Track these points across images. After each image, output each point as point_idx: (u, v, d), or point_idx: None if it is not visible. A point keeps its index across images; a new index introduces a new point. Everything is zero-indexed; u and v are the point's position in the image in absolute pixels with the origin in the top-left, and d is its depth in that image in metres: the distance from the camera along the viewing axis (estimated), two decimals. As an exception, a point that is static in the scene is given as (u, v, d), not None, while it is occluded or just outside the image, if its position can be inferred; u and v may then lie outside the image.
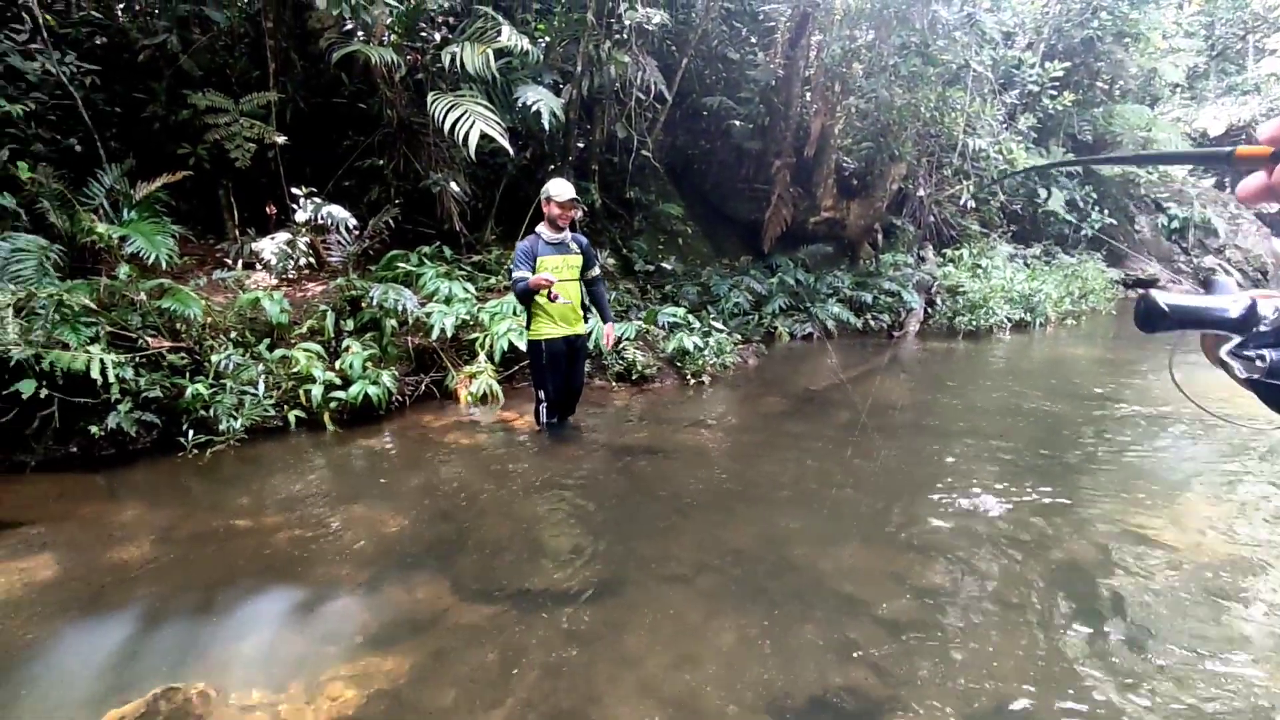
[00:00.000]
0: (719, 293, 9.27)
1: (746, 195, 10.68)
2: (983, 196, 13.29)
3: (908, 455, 4.93)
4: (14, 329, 4.17)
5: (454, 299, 6.12)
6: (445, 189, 6.84)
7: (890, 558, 3.39)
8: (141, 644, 2.64)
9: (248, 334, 5.21)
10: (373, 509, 3.86)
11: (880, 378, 7.73)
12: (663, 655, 2.63)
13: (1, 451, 4.18)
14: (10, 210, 5.00)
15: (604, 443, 5.10)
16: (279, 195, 6.49)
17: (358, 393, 5.08)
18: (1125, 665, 2.57)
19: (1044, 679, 2.49)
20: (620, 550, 3.46)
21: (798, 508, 4.01)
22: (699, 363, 6.99)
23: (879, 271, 10.98)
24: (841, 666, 2.55)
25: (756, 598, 3.04)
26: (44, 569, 3.13)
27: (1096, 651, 2.66)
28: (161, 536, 3.46)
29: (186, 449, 4.42)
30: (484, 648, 2.68)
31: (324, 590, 3.03)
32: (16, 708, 2.30)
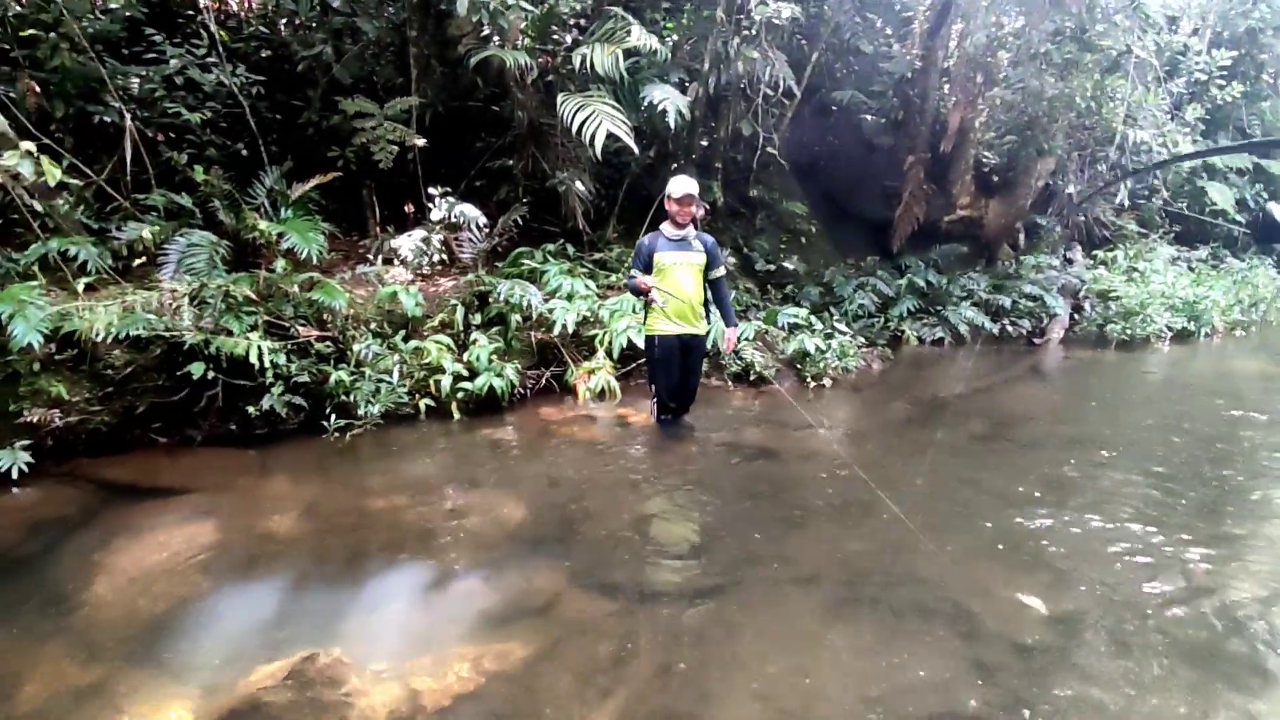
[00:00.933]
0: (843, 294, 8.94)
1: (876, 193, 10.25)
2: (1141, 193, 12.10)
3: (1046, 471, 4.53)
4: (188, 316, 4.60)
5: (575, 296, 6.23)
6: (570, 188, 6.97)
7: (1021, 579, 3.11)
8: (288, 609, 2.83)
9: (385, 325, 5.51)
10: (494, 496, 3.97)
11: (1018, 387, 7.20)
12: (777, 661, 2.53)
13: (175, 426, 4.63)
14: (187, 209, 5.53)
15: (720, 442, 5.02)
16: (416, 195, 6.83)
17: (483, 384, 5.26)
18: None
19: None
20: (734, 551, 3.38)
21: (922, 519, 3.76)
22: (820, 365, 6.76)
23: (1019, 274, 10.24)
24: (965, 688, 2.37)
25: (875, 609, 2.88)
26: (207, 534, 3.42)
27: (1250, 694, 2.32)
28: (306, 511, 3.70)
29: (329, 431, 4.73)
30: (598, 639, 2.68)
31: (449, 571, 3.14)
32: (180, 659, 2.51)
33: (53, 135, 5.26)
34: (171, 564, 3.15)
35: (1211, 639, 2.69)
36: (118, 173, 5.46)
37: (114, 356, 4.45)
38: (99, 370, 4.40)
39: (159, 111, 5.75)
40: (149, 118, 5.73)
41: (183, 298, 4.65)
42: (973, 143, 9.68)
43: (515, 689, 2.38)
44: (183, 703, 2.28)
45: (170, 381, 4.57)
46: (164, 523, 3.53)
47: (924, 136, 9.55)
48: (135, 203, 5.45)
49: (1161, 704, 2.31)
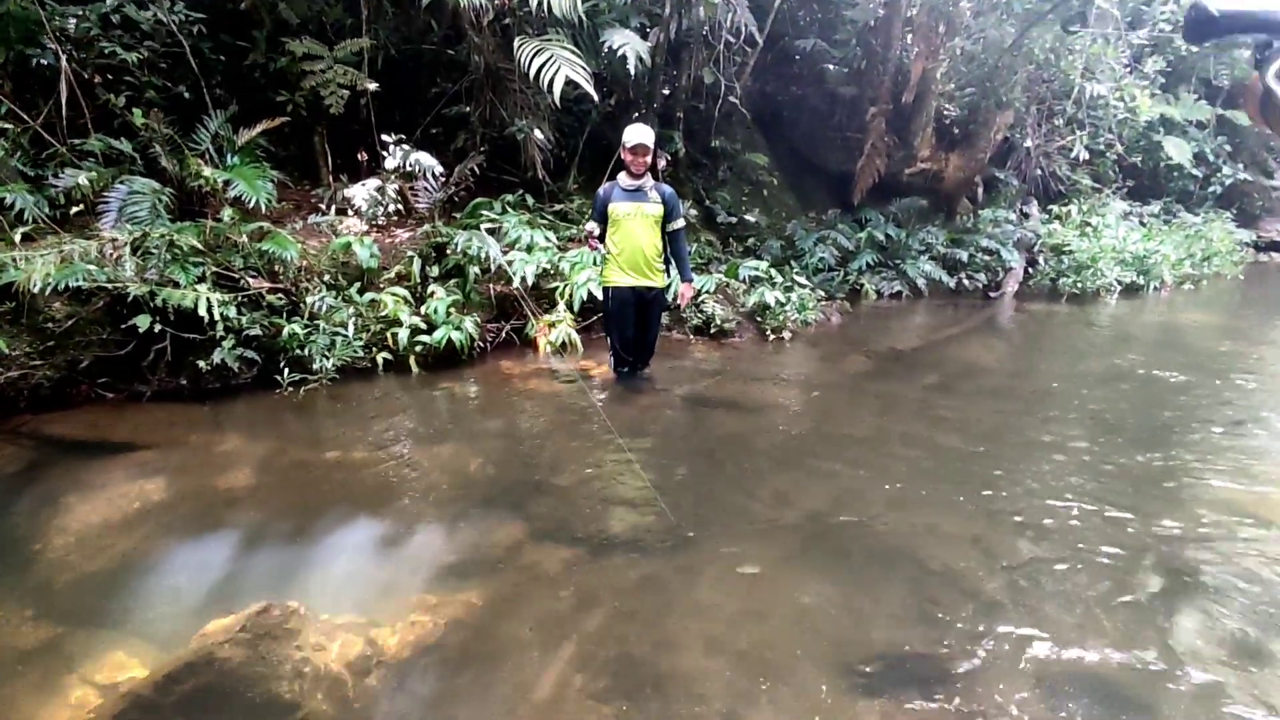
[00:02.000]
0: (803, 247, 8.99)
1: (837, 144, 10.24)
2: (1097, 148, 12.28)
3: (998, 420, 4.70)
4: (131, 266, 4.45)
5: (535, 247, 6.16)
6: (529, 136, 6.82)
7: (973, 525, 3.25)
8: (242, 563, 2.83)
9: (340, 277, 5.39)
10: (453, 449, 3.97)
11: (973, 340, 7.38)
12: (733, 608, 2.62)
13: (122, 381, 4.51)
14: (127, 155, 5.29)
15: (680, 395, 5.08)
16: (370, 142, 6.63)
17: (441, 337, 5.22)
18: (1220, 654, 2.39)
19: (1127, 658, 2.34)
20: (693, 502, 3.46)
21: (878, 470, 3.89)
22: (780, 318, 6.84)
23: (977, 228, 10.40)
24: (916, 632, 2.48)
25: (832, 557, 2.99)
26: (157, 490, 3.38)
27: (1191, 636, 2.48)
28: (261, 466, 3.67)
29: (283, 386, 4.66)
30: (556, 588, 2.73)
31: (407, 523, 3.15)
32: (131, 615, 2.51)
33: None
34: (122, 520, 3.11)
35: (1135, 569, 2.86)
36: (54, 118, 5.19)
37: (54, 309, 4.30)
38: (39, 323, 4.25)
39: (96, 52, 5.42)
40: (85, 59, 5.42)
41: (124, 247, 4.48)
42: (934, 94, 9.69)
43: (474, 638, 2.43)
44: (135, 658, 2.28)
45: (115, 335, 4.44)
46: (114, 479, 3.47)
47: (886, 87, 9.52)
48: (72, 148, 5.19)
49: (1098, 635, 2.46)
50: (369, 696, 2.16)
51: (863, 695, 2.18)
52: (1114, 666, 2.31)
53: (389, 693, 2.18)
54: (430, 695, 2.17)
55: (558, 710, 2.10)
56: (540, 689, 2.19)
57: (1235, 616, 2.59)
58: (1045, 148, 11.64)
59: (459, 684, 2.21)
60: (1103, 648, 2.40)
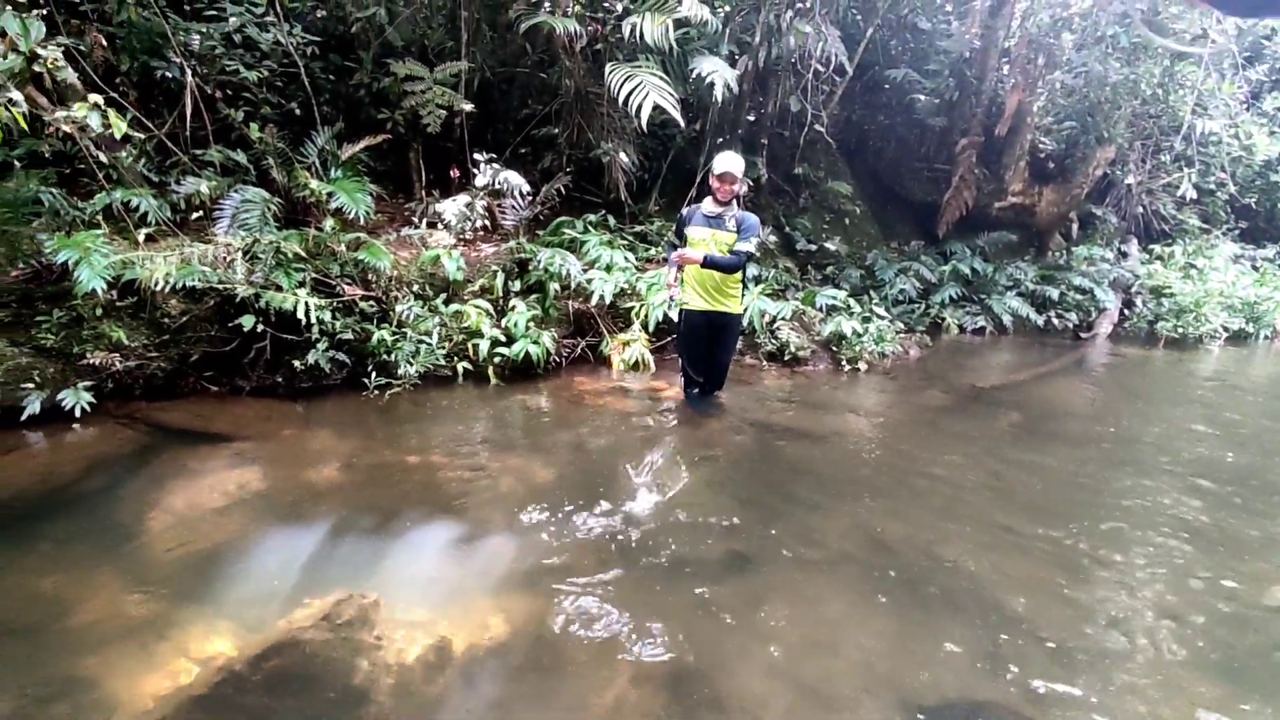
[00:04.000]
0: (884, 278, 8.83)
1: (924, 175, 10.05)
2: (1207, 187, 11.62)
3: (1082, 467, 4.48)
4: (241, 270, 4.77)
5: (614, 267, 6.27)
6: (614, 159, 6.98)
7: (1050, 573, 3.11)
8: (326, 554, 2.97)
9: (427, 288, 5.63)
10: (526, 459, 4.07)
11: (1059, 381, 7.08)
12: (796, 637, 2.59)
13: (225, 376, 4.83)
14: (242, 165, 5.70)
15: (751, 420, 5.05)
16: (462, 160, 6.91)
17: (520, 350, 5.37)
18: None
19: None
20: (760, 528, 3.43)
21: (951, 508, 3.77)
22: (856, 349, 6.73)
23: (1070, 265, 9.99)
24: (988, 680, 2.39)
25: (900, 594, 2.91)
26: (252, 480, 3.59)
27: None
28: (345, 463, 3.85)
29: (369, 388, 4.89)
30: (620, 604, 2.76)
31: (479, 528, 3.25)
32: (225, 596, 2.67)
33: (118, 89, 5.44)
34: (220, 506, 3.32)
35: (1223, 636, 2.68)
36: (177, 128, 5.64)
37: (171, 306, 4.65)
38: (157, 318, 4.60)
39: (218, 69, 5.89)
40: (208, 74, 5.88)
41: (236, 252, 4.81)
42: (1030, 127, 9.41)
43: (538, 646, 2.48)
44: (227, 636, 2.43)
45: (222, 332, 4.76)
46: (214, 466, 3.72)
47: (979, 119, 9.31)
48: (194, 158, 5.62)
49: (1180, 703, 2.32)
50: (436, 693, 2.23)
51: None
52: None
53: (455, 691, 2.25)
54: (493, 697, 2.23)
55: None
56: (600, 702, 2.21)
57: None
58: (1149, 185, 11.11)
59: (521, 689, 2.27)
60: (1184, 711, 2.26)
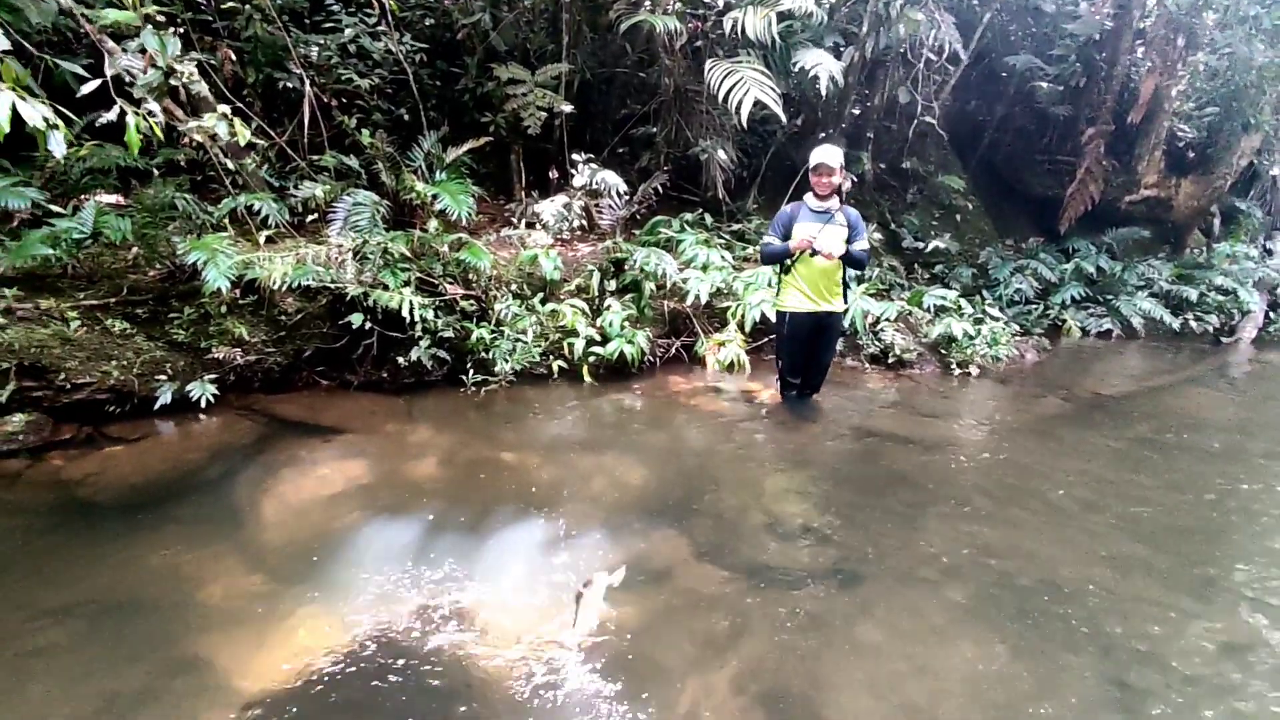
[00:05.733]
0: (998, 277, 8.31)
1: (1044, 168, 9.39)
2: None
3: (1219, 484, 4.03)
4: (351, 270, 4.96)
5: (711, 266, 6.16)
6: (712, 156, 6.87)
7: (1181, 601, 2.79)
8: (427, 548, 3.01)
9: (525, 287, 5.70)
10: (619, 459, 4.03)
11: (1196, 389, 6.44)
12: (897, 657, 2.43)
13: (335, 370, 5.04)
14: (354, 170, 5.94)
15: (851, 425, 4.83)
16: (561, 160, 6.98)
17: (615, 349, 5.35)
18: None
19: None
20: (859, 538, 3.26)
21: (1069, 526, 3.46)
22: (966, 352, 6.34)
23: (1210, 264, 9.09)
24: (1101, 712, 2.15)
25: (1011, 616, 2.69)
26: (359, 472, 3.72)
27: None
28: (445, 458, 3.93)
29: (467, 385, 4.99)
30: (713, 611, 2.67)
31: (573, 527, 3.23)
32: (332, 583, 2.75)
33: (244, 100, 5.79)
34: (329, 496, 3.45)
35: None
36: (296, 135, 5.94)
37: (287, 304, 4.88)
38: (274, 315, 4.84)
39: (334, 78, 6.17)
40: (325, 84, 6.17)
41: (347, 252, 5.01)
42: (1167, 114, 8.61)
43: (632, 647, 2.43)
44: (331, 624, 2.50)
45: (333, 329, 4.96)
46: (324, 458, 3.87)
47: (1108, 106, 8.60)
48: (311, 163, 5.91)
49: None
50: (532, 692, 2.21)
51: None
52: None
53: (549, 690, 2.22)
54: (585, 699, 2.19)
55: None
56: (691, 711, 2.13)
57: None
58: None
59: (614, 692, 2.21)
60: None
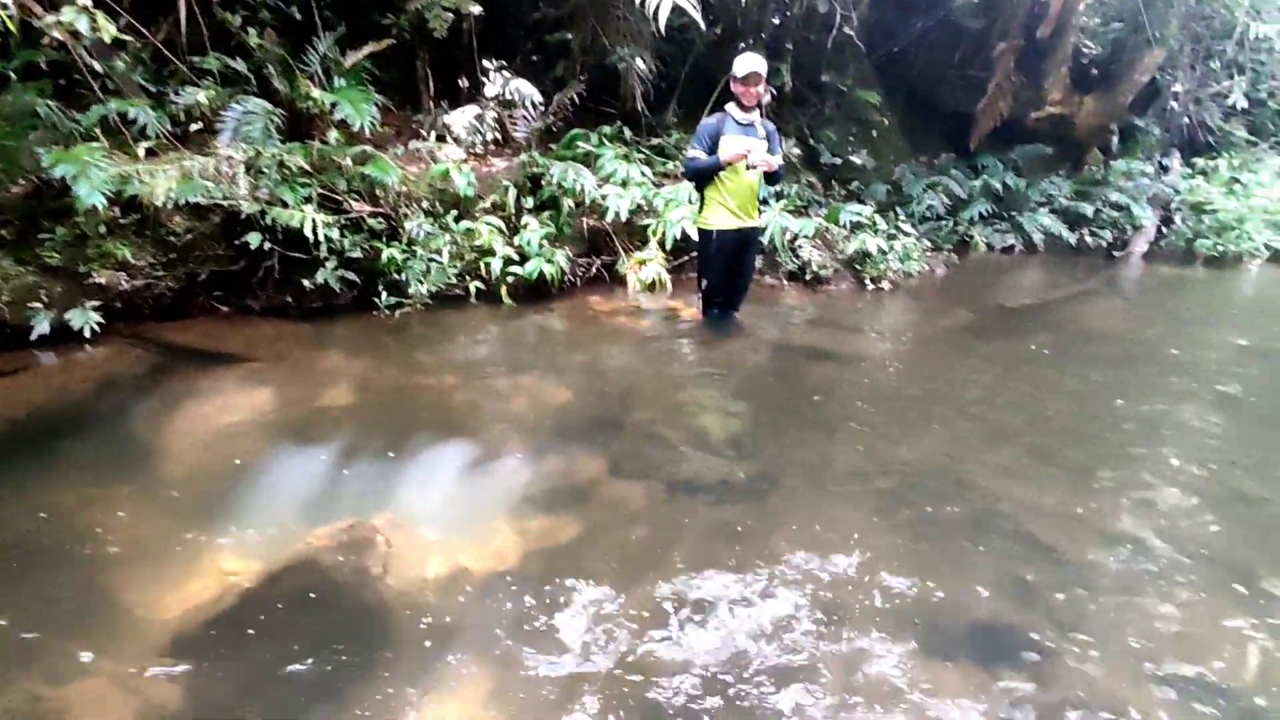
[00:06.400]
0: (911, 193, 8.49)
1: (958, 83, 9.49)
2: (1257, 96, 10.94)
3: (1112, 390, 4.35)
4: (245, 185, 4.61)
5: (630, 182, 6.03)
6: (630, 66, 6.61)
7: (1079, 499, 3.03)
8: (341, 475, 2.94)
9: (437, 204, 5.45)
10: (540, 380, 4.01)
11: (1091, 301, 6.86)
12: (814, 559, 2.55)
13: (234, 295, 4.74)
14: (242, 74, 5.43)
15: (770, 341, 4.94)
16: (471, 68, 6.58)
17: (533, 269, 5.22)
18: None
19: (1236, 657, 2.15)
20: (776, 449, 3.38)
21: (975, 432, 3.68)
22: (880, 268, 6.53)
23: (1107, 180, 9.54)
24: (1007, 604, 2.35)
25: (921, 517, 2.86)
26: (265, 401, 3.56)
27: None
28: (358, 384, 3.80)
29: (380, 308, 4.79)
30: (636, 526, 2.74)
31: (493, 450, 3.20)
32: (242, 516, 2.65)
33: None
34: (235, 426, 3.29)
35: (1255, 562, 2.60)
36: (174, 34, 5.36)
37: (175, 223, 4.52)
38: (162, 236, 4.48)
39: (212, -30, 5.56)
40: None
41: (238, 165, 4.64)
42: (1074, 29, 8.77)
43: (555, 564, 2.46)
44: (245, 556, 2.43)
45: (229, 251, 4.64)
46: (226, 387, 3.68)
47: (1019, 20, 8.68)
48: (192, 66, 5.37)
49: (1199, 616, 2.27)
50: (453, 612, 2.22)
51: (944, 660, 2.09)
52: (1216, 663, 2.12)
53: (472, 610, 2.23)
54: (510, 615, 2.21)
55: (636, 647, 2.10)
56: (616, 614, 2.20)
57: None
58: (1196, 93, 10.47)
59: (537, 607, 2.25)
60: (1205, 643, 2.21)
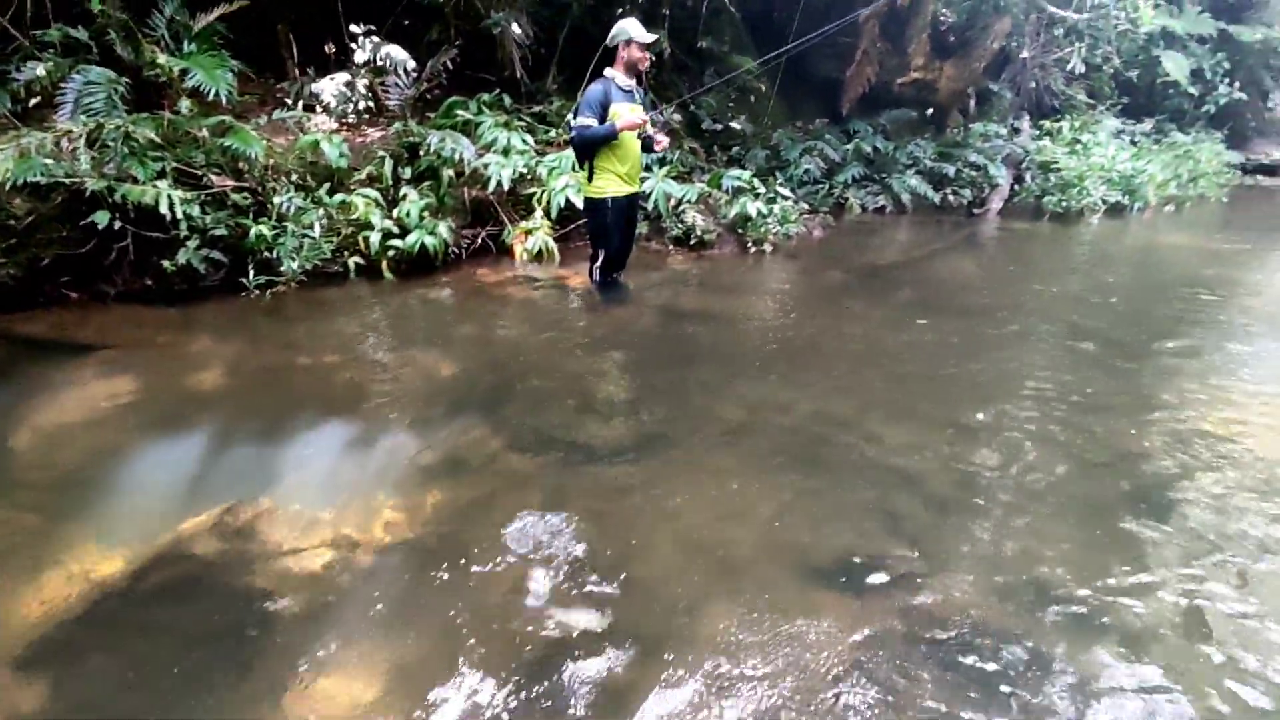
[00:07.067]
0: (789, 158, 8.79)
1: (828, 51, 9.83)
2: (1094, 61, 11.92)
3: (970, 337, 4.75)
4: (87, 160, 4.27)
5: (512, 150, 5.97)
6: (506, 30, 6.50)
7: (943, 437, 3.33)
8: (213, 461, 2.85)
9: (308, 177, 5.22)
10: (426, 355, 3.97)
11: (953, 257, 7.38)
12: (702, 511, 2.69)
13: (85, 281, 4.41)
14: (83, 43, 4.98)
15: (658, 305, 5.07)
16: (338, 33, 6.28)
17: (414, 242, 5.11)
18: (1171, 556, 2.52)
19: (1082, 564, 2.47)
20: (667, 410, 3.50)
21: (850, 382, 3.95)
22: (761, 230, 6.76)
23: (966, 142, 10.18)
24: (878, 537, 2.58)
25: (801, 464, 3.06)
26: (127, 390, 3.37)
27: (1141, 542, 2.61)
28: (230, 368, 3.66)
29: (250, 288, 4.58)
30: (529, 492, 2.78)
31: (379, 426, 3.18)
32: (105, 511, 2.54)
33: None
34: (92, 418, 3.11)
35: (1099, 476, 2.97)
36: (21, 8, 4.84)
37: (15, 205, 4.16)
38: (1, 221, 4.11)
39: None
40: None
41: (79, 140, 4.29)
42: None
43: (445, 536, 2.48)
44: (109, 551, 2.32)
45: (75, 233, 4.30)
46: (82, 378, 3.46)
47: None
48: (33, 39, 4.88)
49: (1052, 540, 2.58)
50: (340, 590, 2.22)
51: (819, 587, 2.28)
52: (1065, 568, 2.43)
53: (359, 587, 2.24)
54: (397, 592, 2.23)
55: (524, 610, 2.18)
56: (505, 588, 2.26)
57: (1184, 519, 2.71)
58: (1041, 59, 11.30)
59: (425, 582, 2.28)
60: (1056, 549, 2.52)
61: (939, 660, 2.03)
